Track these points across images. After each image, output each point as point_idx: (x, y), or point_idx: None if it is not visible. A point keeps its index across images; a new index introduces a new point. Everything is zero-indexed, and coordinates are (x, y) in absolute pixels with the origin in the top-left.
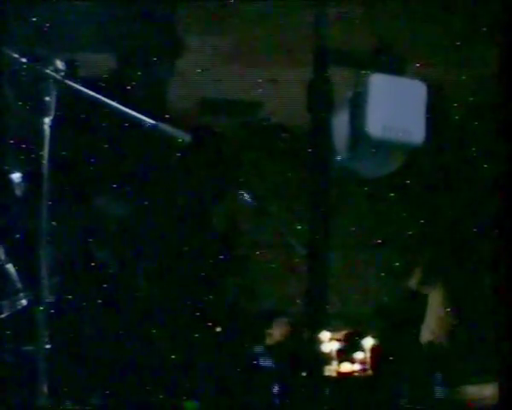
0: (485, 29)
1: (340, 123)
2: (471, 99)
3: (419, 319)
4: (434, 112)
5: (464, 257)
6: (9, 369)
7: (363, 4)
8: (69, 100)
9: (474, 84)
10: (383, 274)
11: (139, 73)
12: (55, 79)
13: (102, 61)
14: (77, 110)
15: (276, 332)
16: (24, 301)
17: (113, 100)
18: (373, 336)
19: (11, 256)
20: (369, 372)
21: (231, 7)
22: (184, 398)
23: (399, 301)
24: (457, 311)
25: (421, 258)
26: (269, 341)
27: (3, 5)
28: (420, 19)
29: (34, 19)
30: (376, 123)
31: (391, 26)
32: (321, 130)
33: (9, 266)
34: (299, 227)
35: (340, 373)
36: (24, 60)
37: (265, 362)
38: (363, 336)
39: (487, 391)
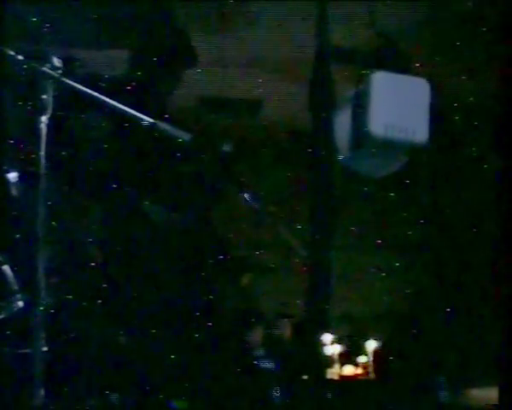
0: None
1: (342, 122)
2: (471, 99)
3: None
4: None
5: (464, 258)
6: (7, 371)
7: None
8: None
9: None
10: (384, 274)
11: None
12: (52, 77)
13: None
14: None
15: (277, 334)
16: (21, 303)
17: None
18: (376, 339)
19: (8, 257)
20: (372, 376)
21: (231, 7)
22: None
23: (401, 302)
24: (457, 312)
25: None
26: (269, 342)
27: (3, 4)
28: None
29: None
30: (378, 122)
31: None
32: (322, 129)
33: (6, 268)
34: (299, 227)
35: (342, 376)
36: (21, 58)
37: (266, 364)
38: (366, 338)
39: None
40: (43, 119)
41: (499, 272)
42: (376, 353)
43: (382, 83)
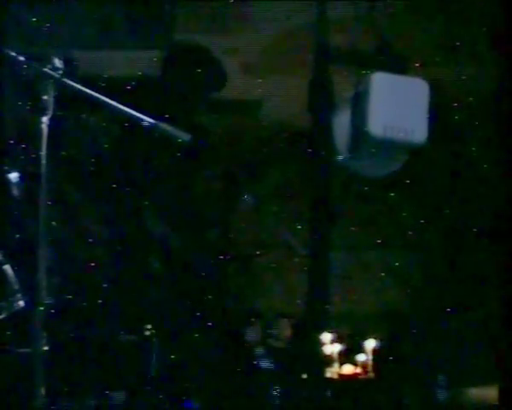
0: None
1: (342, 123)
2: (471, 99)
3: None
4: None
5: (464, 257)
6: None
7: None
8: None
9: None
10: (383, 274)
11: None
12: (53, 77)
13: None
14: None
15: (277, 333)
16: (21, 303)
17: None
18: (375, 338)
19: (9, 257)
20: (371, 375)
21: (232, 7)
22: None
23: (401, 302)
24: (457, 312)
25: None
26: (269, 342)
27: (3, 5)
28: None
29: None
30: (378, 122)
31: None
32: (322, 129)
33: (7, 268)
34: (299, 227)
35: (341, 375)
36: (22, 59)
37: (265, 364)
38: (365, 337)
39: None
40: (44, 119)
41: (499, 271)
42: (375, 352)
43: (381, 84)
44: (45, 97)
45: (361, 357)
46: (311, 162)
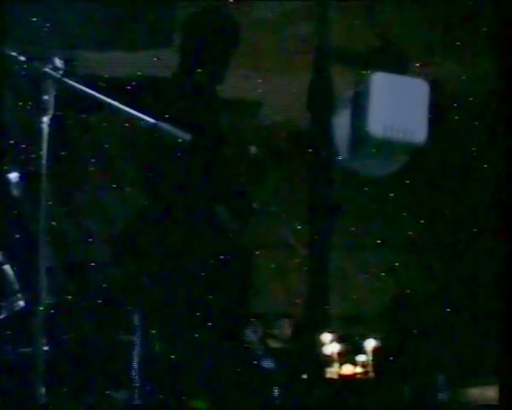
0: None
1: (342, 123)
2: (471, 99)
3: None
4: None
5: (464, 257)
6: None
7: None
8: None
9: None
10: (383, 274)
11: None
12: (54, 77)
13: None
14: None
15: (277, 333)
16: (22, 303)
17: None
18: (375, 338)
19: (9, 257)
20: (371, 374)
21: (232, 7)
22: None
23: (401, 301)
24: (457, 311)
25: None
26: (269, 342)
27: (3, 5)
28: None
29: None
30: (378, 122)
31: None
32: (322, 129)
33: (7, 268)
34: (299, 227)
35: (341, 375)
36: (22, 59)
37: (266, 363)
38: (365, 337)
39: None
40: (45, 119)
41: (499, 270)
42: (375, 352)
43: (382, 84)
44: (46, 97)
45: (361, 357)
46: (311, 162)
